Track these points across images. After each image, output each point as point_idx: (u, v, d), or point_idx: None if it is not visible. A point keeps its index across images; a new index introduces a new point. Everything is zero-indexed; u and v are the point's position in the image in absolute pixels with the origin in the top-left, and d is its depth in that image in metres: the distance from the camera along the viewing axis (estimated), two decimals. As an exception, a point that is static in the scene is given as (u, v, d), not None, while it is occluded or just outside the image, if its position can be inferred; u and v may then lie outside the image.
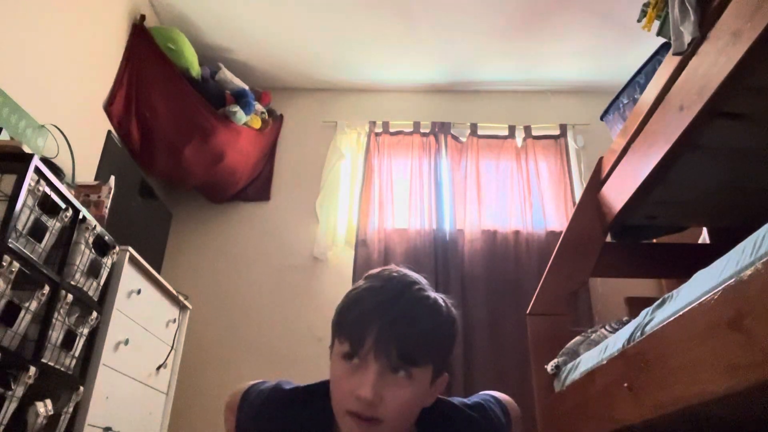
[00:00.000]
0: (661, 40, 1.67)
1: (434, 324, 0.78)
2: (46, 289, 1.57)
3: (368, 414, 0.74)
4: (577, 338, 1.79)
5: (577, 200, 2.28)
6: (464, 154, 3.38)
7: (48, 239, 1.60)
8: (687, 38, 1.37)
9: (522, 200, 3.24)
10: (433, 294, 0.80)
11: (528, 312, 2.08)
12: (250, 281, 3.14)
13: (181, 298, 2.55)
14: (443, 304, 0.81)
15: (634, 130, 1.75)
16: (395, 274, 0.81)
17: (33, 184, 1.52)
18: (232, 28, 3.14)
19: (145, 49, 2.77)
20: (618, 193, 1.91)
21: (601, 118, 2.19)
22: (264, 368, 2.86)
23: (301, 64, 3.42)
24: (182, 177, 3.08)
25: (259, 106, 3.22)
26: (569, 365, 1.73)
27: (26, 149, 1.52)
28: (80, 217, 1.77)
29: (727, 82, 1.23)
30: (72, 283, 1.71)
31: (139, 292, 2.13)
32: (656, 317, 1.19)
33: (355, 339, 0.75)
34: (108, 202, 2.09)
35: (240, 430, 0.89)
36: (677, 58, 1.47)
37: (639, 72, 1.88)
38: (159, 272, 2.57)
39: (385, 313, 0.75)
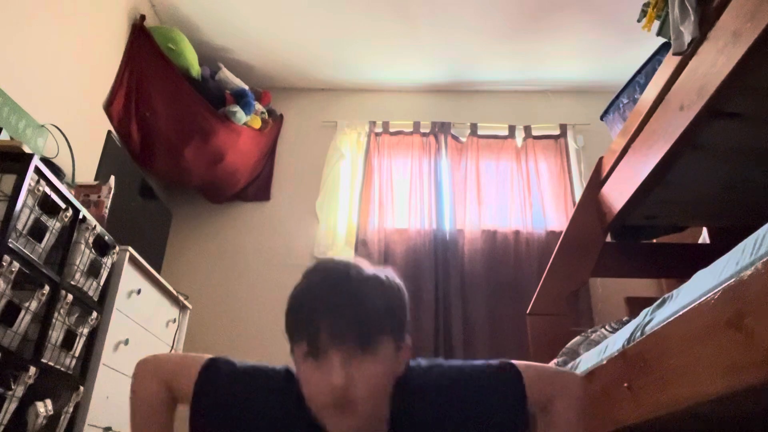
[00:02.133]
0: (661, 40, 1.68)
1: (380, 297, 0.79)
2: (46, 289, 1.57)
3: (343, 400, 0.74)
4: (577, 338, 1.79)
5: (577, 200, 2.28)
6: (464, 154, 3.38)
7: (48, 239, 1.59)
8: (687, 38, 1.37)
9: (522, 200, 3.24)
10: (370, 271, 0.82)
11: (528, 312, 2.08)
12: (250, 281, 3.14)
13: (181, 298, 2.55)
14: (383, 276, 0.82)
15: (634, 130, 1.75)
16: (330, 264, 0.84)
17: (33, 184, 1.52)
18: (232, 28, 3.14)
19: (145, 49, 2.77)
20: (618, 193, 1.91)
21: (601, 118, 2.19)
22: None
23: (301, 64, 3.42)
24: (182, 177, 3.08)
25: (259, 106, 3.22)
26: (569, 365, 1.73)
27: (26, 149, 1.52)
28: (80, 217, 1.77)
29: (727, 82, 1.23)
30: (72, 283, 1.71)
31: (139, 292, 2.13)
32: (656, 317, 1.19)
33: (311, 336, 0.76)
34: (108, 202, 2.09)
35: (199, 398, 0.89)
36: (677, 58, 1.47)
37: (639, 72, 1.88)
38: (159, 272, 2.57)
39: (331, 302, 0.77)
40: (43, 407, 1.55)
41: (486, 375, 0.92)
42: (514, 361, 0.94)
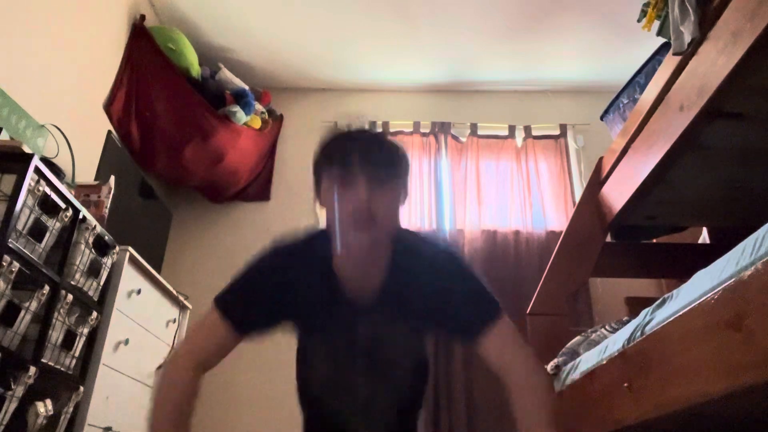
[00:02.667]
0: (661, 40, 1.67)
1: (394, 147, 1.02)
2: (46, 289, 1.57)
3: (365, 214, 0.93)
4: (577, 338, 1.79)
5: (577, 200, 2.28)
6: (464, 154, 3.38)
7: (48, 239, 1.59)
8: (687, 38, 1.37)
9: (522, 200, 3.25)
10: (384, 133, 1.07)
11: (528, 312, 2.08)
12: (250, 281, 3.14)
13: (181, 298, 2.55)
14: (396, 141, 1.05)
15: (634, 130, 1.75)
16: (350, 124, 1.04)
17: (33, 184, 1.52)
18: (232, 28, 3.14)
19: (145, 49, 2.77)
20: (618, 193, 1.91)
21: (601, 118, 2.19)
22: (264, 367, 2.85)
23: (301, 64, 3.42)
24: (182, 177, 3.08)
25: (259, 106, 3.22)
26: (569, 365, 1.73)
27: (26, 149, 1.52)
28: (80, 217, 1.77)
29: (727, 82, 1.23)
30: (72, 283, 1.71)
31: (139, 292, 2.13)
32: (656, 317, 1.19)
33: (344, 163, 0.96)
34: (108, 202, 2.09)
35: (258, 269, 1.06)
36: (677, 58, 1.47)
37: (639, 72, 1.88)
38: (159, 272, 2.57)
39: (360, 143, 0.99)
40: (43, 407, 1.55)
41: (477, 282, 1.09)
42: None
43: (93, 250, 1.82)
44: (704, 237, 2.45)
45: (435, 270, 1.04)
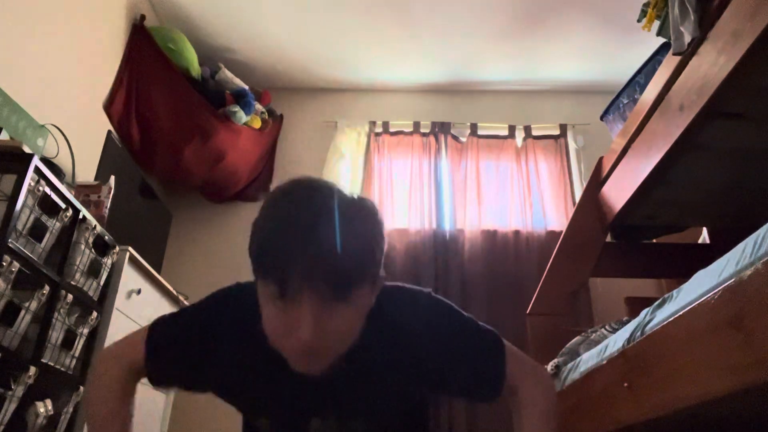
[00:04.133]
0: (661, 40, 1.67)
1: (362, 238, 0.70)
2: (46, 289, 1.57)
3: (311, 351, 0.68)
4: (577, 338, 1.79)
5: (577, 200, 2.28)
6: (464, 154, 3.38)
7: (48, 239, 1.59)
8: (687, 38, 1.37)
9: (522, 200, 3.25)
10: (348, 201, 0.71)
11: (528, 312, 2.08)
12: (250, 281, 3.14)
13: (181, 298, 2.55)
14: (363, 209, 0.72)
15: (634, 130, 1.75)
16: (303, 190, 0.72)
17: (33, 184, 1.52)
18: (232, 28, 3.14)
19: (145, 49, 2.77)
20: (618, 193, 1.91)
21: (601, 118, 2.19)
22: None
23: (301, 63, 3.42)
24: (182, 177, 3.08)
25: (259, 106, 3.22)
26: (569, 365, 1.73)
27: (26, 149, 1.52)
28: (80, 217, 1.77)
29: (727, 82, 1.23)
30: (72, 283, 1.71)
31: (139, 292, 2.13)
32: (656, 317, 1.19)
33: (281, 279, 0.67)
34: (108, 202, 2.09)
35: (151, 360, 0.85)
36: (677, 58, 1.47)
37: (639, 72, 1.88)
38: (159, 272, 2.57)
39: (307, 243, 0.66)
40: (43, 407, 1.55)
41: (470, 327, 0.85)
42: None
43: (93, 250, 1.82)
44: (704, 237, 2.45)
45: (411, 343, 0.81)
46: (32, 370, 1.50)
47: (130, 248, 2.03)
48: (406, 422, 0.91)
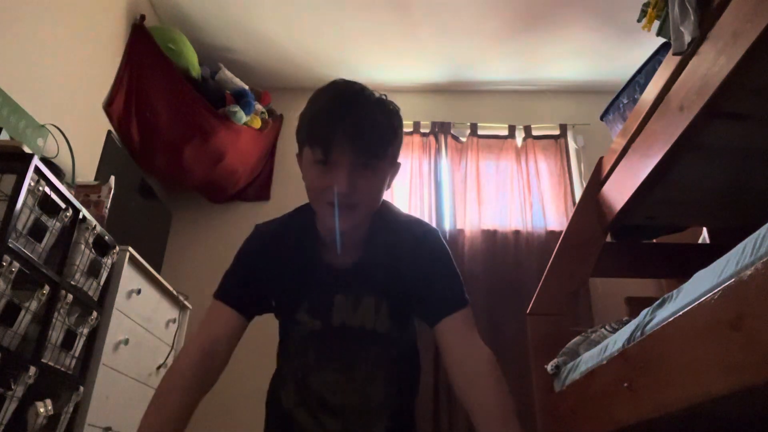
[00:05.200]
0: (661, 40, 1.67)
1: (387, 122, 0.93)
2: (46, 289, 1.57)
3: (346, 202, 0.90)
4: (577, 338, 1.79)
5: (577, 200, 2.28)
6: (464, 154, 3.38)
7: (48, 239, 1.59)
8: (687, 38, 1.37)
9: (522, 200, 3.25)
10: (377, 95, 0.94)
11: (528, 312, 2.08)
12: (250, 281, 3.14)
13: (181, 298, 2.55)
14: (388, 103, 0.95)
15: (634, 130, 1.75)
16: (344, 84, 0.95)
17: (33, 184, 1.52)
18: (232, 28, 3.14)
19: (145, 49, 2.77)
20: (618, 193, 1.91)
21: (601, 118, 2.18)
22: (264, 365, 2.85)
23: (301, 63, 3.43)
24: (182, 177, 3.08)
25: (259, 106, 3.22)
26: (569, 365, 1.73)
27: (26, 149, 1.52)
28: (80, 217, 1.77)
29: (727, 82, 1.23)
30: (72, 283, 1.71)
31: (139, 292, 2.13)
32: (656, 317, 1.19)
33: (326, 145, 0.88)
34: (108, 202, 2.09)
35: (245, 253, 1.10)
36: (677, 58, 1.47)
37: (639, 72, 1.88)
38: (159, 272, 2.57)
39: (347, 120, 0.88)
40: (43, 407, 1.55)
41: (450, 268, 1.05)
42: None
43: (93, 250, 1.82)
44: (704, 237, 2.45)
45: (410, 249, 1.03)
46: (32, 370, 1.50)
47: (130, 248, 2.03)
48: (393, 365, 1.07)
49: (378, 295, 1.04)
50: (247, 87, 3.13)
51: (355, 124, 0.88)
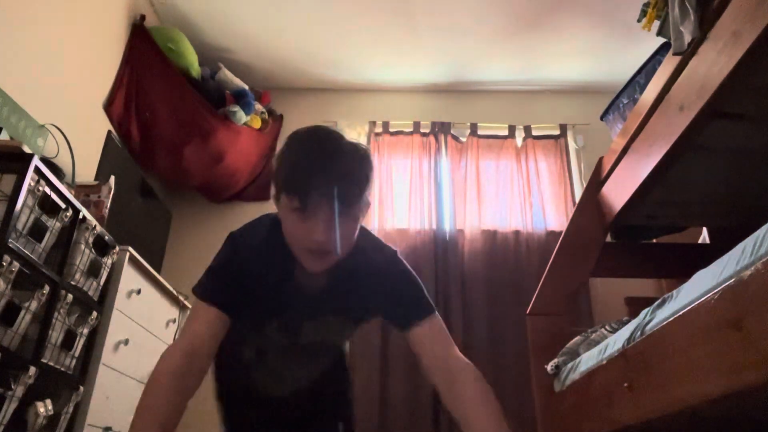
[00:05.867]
0: (661, 40, 1.67)
1: (362, 172, 0.95)
2: (46, 289, 1.57)
3: (323, 249, 0.93)
4: (577, 338, 1.79)
5: (577, 200, 2.28)
6: (464, 154, 3.38)
7: (48, 239, 1.59)
8: (687, 38, 1.37)
9: (522, 200, 3.25)
10: (352, 141, 0.96)
11: (528, 312, 2.08)
12: (250, 281, 3.14)
13: (181, 298, 2.55)
14: (360, 146, 0.97)
15: (634, 130, 1.75)
16: (321, 133, 0.96)
17: (33, 184, 1.52)
18: (232, 28, 3.14)
19: (145, 49, 2.77)
20: (618, 193, 1.91)
21: (601, 118, 2.19)
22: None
23: (301, 63, 3.42)
24: (182, 177, 3.08)
25: (259, 106, 3.22)
26: (569, 365, 1.73)
27: (26, 149, 1.52)
28: (80, 217, 1.77)
29: (727, 82, 1.23)
30: (72, 283, 1.71)
31: (139, 292, 2.13)
32: (656, 317, 1.19)
33: (304, 197, 0.90)
34: (108, 202, 2.09)
35: (227, 260, 1.09)
36: (677, 58, 1.47)
37: (639, 72, 1.88)
38: (159, 272, 2.57)
39: (325, 170, 0.91)
40: (43, 407, 1.55)
41: (415, 284, 1.10)
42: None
43: (93, 250, 1.82)
44: (704, 237, 2.45)
45: (374, 271, 1.08)
46: (32, 370, 1.50)
47: (130, 248, 2.03)
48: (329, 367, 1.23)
49: (344, 316, 1.13)
50: (247, 87, 3.13)
51: (334, 178, 0.90)
